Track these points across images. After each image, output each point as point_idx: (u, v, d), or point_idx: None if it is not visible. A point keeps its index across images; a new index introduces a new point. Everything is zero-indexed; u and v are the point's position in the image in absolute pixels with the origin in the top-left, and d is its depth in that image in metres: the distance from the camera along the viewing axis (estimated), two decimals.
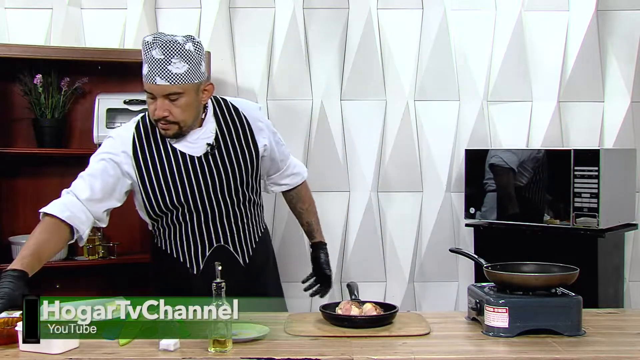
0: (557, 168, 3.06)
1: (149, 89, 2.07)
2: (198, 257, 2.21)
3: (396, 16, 3.51)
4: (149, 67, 2.05)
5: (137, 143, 2.16)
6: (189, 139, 2.16)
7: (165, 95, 2.05)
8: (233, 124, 2.22)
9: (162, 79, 2.03)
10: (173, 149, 2.16)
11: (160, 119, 2.08)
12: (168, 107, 2.06)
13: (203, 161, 2.16)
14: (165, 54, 2.02)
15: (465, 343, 1.87)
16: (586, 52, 3.50)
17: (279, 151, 2.33)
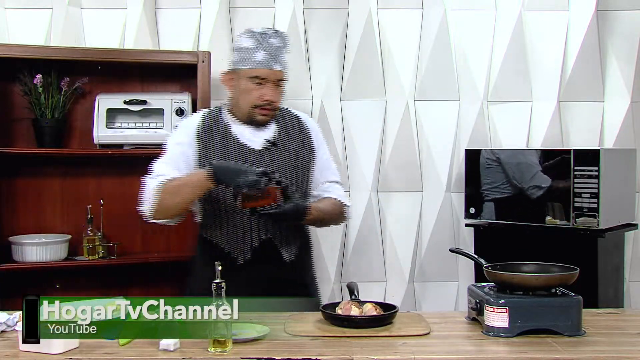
0: (557, 168, 3.06)
1: (264, 75, 2.22)
2: (245, 248, 2.25)
3: (396, 16, 3.51)
4: (267, 53, 2.21)
5: (202, 129, 2.28)
6: (251, 133, 2.29)
7: (276, 81, 2.24)
8: (292, 127, 2.36)
9: (279, 65, 2.24)
10: (235, 139, 2.27)
11: (266, 104, 2.24)
12: (276, 93, 2.25)
13: (261, 154, 2.27)
14: (282, 43, 2.25)
15: (465, 343, 1.87)
16: (586, 52, 3.51)
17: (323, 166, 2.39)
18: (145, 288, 3.29)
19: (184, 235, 3.33)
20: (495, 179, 3.21)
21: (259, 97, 2.23)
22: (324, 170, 2.39)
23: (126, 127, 3.13)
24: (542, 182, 3.06)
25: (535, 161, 3.10)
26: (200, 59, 3.09)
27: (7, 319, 1.90)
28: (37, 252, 3.03)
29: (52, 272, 3.16)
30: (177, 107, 3.14)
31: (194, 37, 3.43)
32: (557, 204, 3.05)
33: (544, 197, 3.09)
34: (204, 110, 2.38)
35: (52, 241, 3.09)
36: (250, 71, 2.22)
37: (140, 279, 3.30)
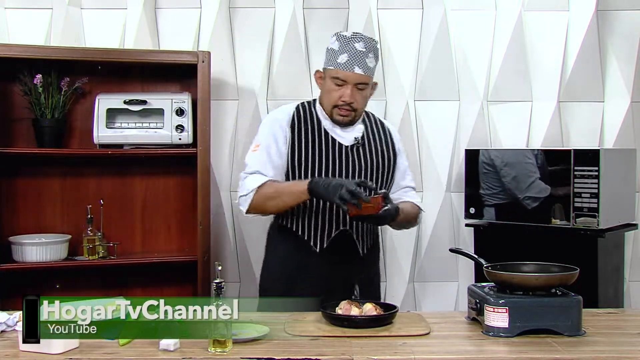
0: (557, 168, 3.05)
1: (344, 77, 2.31)
2: (323, 236, 2.35)
3: (396, 16, 3.51)
4: (349, 56, 2.30)
5: (296, 118, 2.38)
6: (342, 130, 2.39)
7: (356, 84, 2.32)
8: (377, 130, 2.49)
9: (360, 68, 2.30)
10: (326, 134, 2.37)
11: (345, 105, 2.32)
12: (355, 95, 2.33)
13: (349, 151, 2.37)
14: (366, 48, 2.31)
15: (465, 343, 1.87)
16: (586, 52, 3.50)
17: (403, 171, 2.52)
18: (145, 288, 3.29)
19: (184, 235, 3.34)
20: (491, 185, 3.22)
21: (338, 98, 2.33)
22: (402, 175, 2.51)
23: (126, 127, 3.13)
24: (539, 192, 3.06)
25: (533, 168, 3.09)
26: (200, 59, 3.09)
27: (7, 319, 1.91)
28: (37, 252, 3.03)
29: (52, 272, 3.16)
30: (177, 107, 3.14)
31: (194, 37, 3.43)
32: (557, 204, 3.05)
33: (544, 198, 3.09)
34: (299, 102, 2.47)
35: (52, 241, 3.08)
36: (333, 72, 2.33)
37: (140, 279, 3.30)
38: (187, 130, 3.13)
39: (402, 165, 2.51)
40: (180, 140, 3.13)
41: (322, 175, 2.32)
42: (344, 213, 2.25)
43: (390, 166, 2.45)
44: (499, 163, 3.19)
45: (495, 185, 3.20)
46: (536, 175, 3.08)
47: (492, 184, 3.21)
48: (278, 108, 2.51)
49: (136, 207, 3.36)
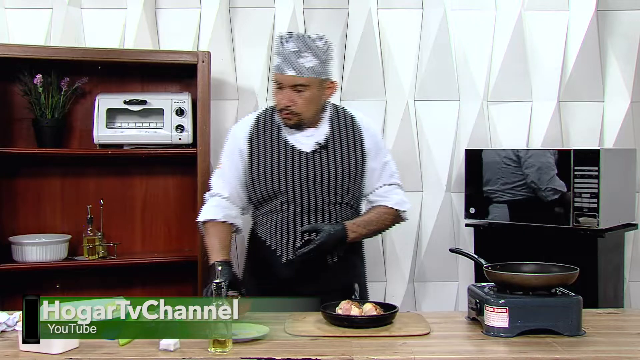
0: (557, 168, 3.05)
1: (278, 79, 2.25)
2: (289, 246, 2.31)
3: (396, 16, 3.51)
4: (281, 58, 2.23)
5: (255, 129, 2.35)
6: (302, 135, 2.32)
7: (292, 86, 2.23)
8: (345, 130, 2.36)
9: (292, 70, 2.21)
10: (285, 141, 2.32)
11: (284, 108, 2.25)
12: (293, 98, 2.24)
13: (310, 157, 2.30)
14: (297, 47, 2.21)
15: (465, 343, 1.87)
16: (586, 52, 3.50)
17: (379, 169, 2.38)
18: (145, 288, 3.29)
19: (184, 235, 3.34)
20: (511, 179, 3.18)
21: (277, 101, 2.28)
22: (379, 174, 2.39)
23: (126, 127, 3.13)
24: (558, 185, 3.04)
25: (553, 164, 3.08)
26: (200, 59, 3.09)
27: (7, 319, 1.91)
28: (37, 252, 3.03)
29: (52, 272, 3.16)
30: (177, 107, 3.14)
31: (194, 37, 3.43)
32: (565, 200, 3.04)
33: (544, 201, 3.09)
34: (260, 110, 2.44)
35: (52, 241, 3.08)
36: (273, 75, 2.29)
37: (140, 279, 3.30)
38: (187, 130, 3.13)
39: (375, 162, 2.38)
40: (180, 140, 3.13)
41: (282, 185, 2.27)
42: (309, 222, 2.28)
43: (358, 170, 2.34)
44: (523, 154, 3.16)
45: (514, 180, 3.17)
46: (555, 172, 3.07)
47: (510, 178, 3.18)
48: (241, 120, 2.48)
49: (136, 207, 3.35)
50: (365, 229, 2.33)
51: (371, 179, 2.38)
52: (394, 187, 2.43)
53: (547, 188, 3.06)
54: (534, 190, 3.10)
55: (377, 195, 2.40)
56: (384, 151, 2.43)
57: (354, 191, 2.35)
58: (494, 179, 3.22)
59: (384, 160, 2.41)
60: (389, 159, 2.43)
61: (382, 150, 2.41)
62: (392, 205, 2.40)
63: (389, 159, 2.44)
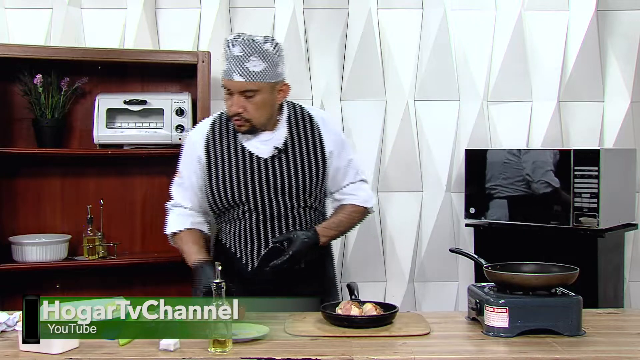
0: (557, 168, 3.05)
1: (226, 85, 2.15)
2: (254, 254, 2.26)
3: (396, 16, 3.51)
4: (228, 63, 2.13)
5: (210, 137, 2.27)
6: (260, 140, 2.24)
7: (241, 92, 2.14)
8: (304, 131, 2.28)
9: (239, 75, 2.11)
10: (242, 148, 2.24)
11: (234, 115, 2.17)
12: (243, 104, 2.15)
13: (269, 163, 2.23)
14: (244, 52, 2.11)
15: (465, 343, 1.87)
16: (586, 52, 3.51)
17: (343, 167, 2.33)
18: (145, 288, 3.29)
19: None
20: (512, 174, 3.17)
21: (227, 108, 2.18)
22: (344, 172, 2.33)
23: (126, 127, 3.13)
24: (551, 180, 3.05)
25: (550, 162, 3.08)
26: (200, 59, 3.09)
27: (7, 319, 1.91)
28: (37, 252, 3.03)
29: (52, 272, 3.16)
30: (177, 107, 3.14)
31: (194, 37, 3.43)
32: (557, 203, 3.05)
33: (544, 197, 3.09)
34: (215, 115, 2.35)
35: (52, 241, 3.08)
36: (222, 80, 2.18)
37: (140, 279, 3.30)
38: (187, 130, 3.13)
39: (338, 160, 2.30)
40: (180, 140, 3.13)
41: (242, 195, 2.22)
42: (272, 229, 2.23)
43: (319, 173, 2.26)
44: (523, 152, 3.16)
45: (515, 175, 3.16)
46: (550, 169, 3.07)
47: (511, 173, 3.17)
48: (196, 126, 2.39)
49: (136, 207, 3.35)
50: (336, 230, 2.28)
51: (336, 177, 2.32)
52: (361, 184, 2.37)
53: (540, 181, 3.07)
54: (528, 183, 3.10)
55: (344, 193, 2.34)
56: (347, 148, 2.35)
57: (317, 194, 2.28)
58: (496, 175, 3.22)
59: (348, 158, 2.33)
60: (352, 156, 2.36)
61: (345, 148, 2.33)
62: (360, 203, 2.34)
63: (352, 156, 2.36)
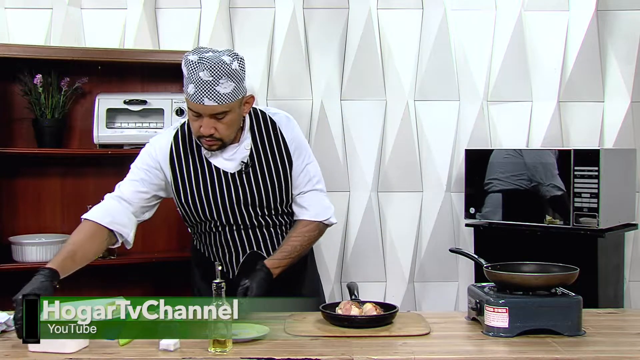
0: (557, 168, 3.05)
1: (195, 109, 2.07)
2: (233, 262, 2.26)
3: (396, 16, 3.51)
4: (195, 87, 2.03)
5: (174, 153, 2.22)
6: (225, 154, 2.20)
7: (212, 115, 2.07)
8: (269, 140, 2.24)
9: (211, 99, 2.04)
10: (208, 163, 2.21)
11: (205, 136, 2.11)
12: (214, 125, 2.09)
13: (236, 177, 2.20)
14: (213, 76, 2.02)
15: (465, 343, 1.87)
16: (586, 52, 3.51)
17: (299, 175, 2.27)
18: (145, 288, 3.29)
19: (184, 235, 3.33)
20: (511, 169, 3.16)
21: (198, 129, 2.11)
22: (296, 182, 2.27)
23: (126, 127, 3.13)
24: (560, 183, 3.05)
25: (554, 165, 3.08)
26: None
27: (7, 319, 1.91)
28: (37, 252, 3.03)
29: None
30: (177, 107, 3.14)
31: (194, 37, 3.43)
32: (557, 204, 3.05)
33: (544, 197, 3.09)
34: (175, 128, 2.26)
35: (52, 241, 3.08)
36: (187, 102, 2.10)
37: (140, 279, 3.29)
38: None
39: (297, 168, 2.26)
40: None
41: (213, 210, 2.18)
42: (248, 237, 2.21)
43: (287, 177, 2.23)
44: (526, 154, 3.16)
45: (517, 169, 3.15)
46: (557, 172, 3.07)
47: (511, 167, 3.16)
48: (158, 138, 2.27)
49: None
50: (289, 258, 2.19)
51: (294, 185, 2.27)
52: (313, 194, 2.28)
53: (550, 184, 3.06)
54: (538, 185, 3.10)
55: (297, 204, 2.28)
56: (304, 154, 2.28)
57: (287, 199, 2.26)
58: (494, 170, 3.22)
59: (302, 165, 2.27)
60: (307, 162, 2.29)
61: (302, 153, 2.27)
62: (312, 217, 2.27)
63: (308, 161, 2.29)
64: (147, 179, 2.22)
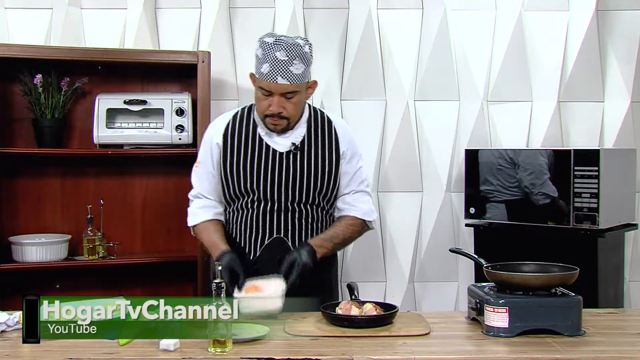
0: (557, 168, 3.06)
1: (267, 87, 2.20)
2: (257, 244, 2.29)
3: (396, 16, 3.51)
4: (270, 66, 2.17)
5: (230, 128, 2.33)
6: (280, 136, 2.30)
7: (283, 94, 2.20)
8: (322, 132, 2.35)
9: (284, 78, 2.18)
10: (260, 140, 2.30)
11: (274, 115, 2.23)
12: (283, 104, 2.22)
13: (284, 157, 2.28)
14: (288, 56, 2.17)
15: (465, 343, 1.87)
16: (586, 52, 3.51)
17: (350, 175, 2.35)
18: (145, 288, 3.29)
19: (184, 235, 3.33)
20: (505, 180, 3.19)
21: (267, 107, 2.23)
22: (349, 180, 2.35)
23: (126, 127, 3.13)
24: (549, 190, 3.05)
25: (545, 168, 3.09)
26: (200, 59, 3.09)
27: (7, 319, 1.91)
28: (37, 252, 3.03)
29: (52, 272, 3.16)
30: (177, 107, 3.14)
31: (194, 37, 3.43)
32: (557, 204, 3.05)
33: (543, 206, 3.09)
34: (236, 110, 2.40)
35: (52, 241, 3.09)
36: (258, 81, 2.23)
37: (140, 279, 3.30)
38: (187, 130, 3.13)
39: (348, 169, 2.35)
40: (180, 140, 3.14)
41: (254, 183, 2.26)
42: (278, 220, 2.27)
43: (332, 171, 2.31)
44: (517, 160, 3.16)
45: (511, 181, 3.17)
46: (547, 176, 3.08)
47: (507, 179, 3.18)
48: (218, 117, 2.44)
49: (136, 207, 3.36)
50: (332, 242, 2.27)
51: (341, 183, 2.35)
52: (362, 195, 2.38)
53: (539, 192, 3.08)
54: (527, 194, 3.11)
55: (345, 202, 2.36)
56: (358, 156, 2.40)
57: (327, 193, 2.32)
58: (490, 179, 3.23)
59: (357, 166, 2.38)
60: (361, 165, 2.40)
61: (356, 155, 2.38)
62: (360, 215, 2.36)
63: (361, 165, 2.40)
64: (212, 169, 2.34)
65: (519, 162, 3.15)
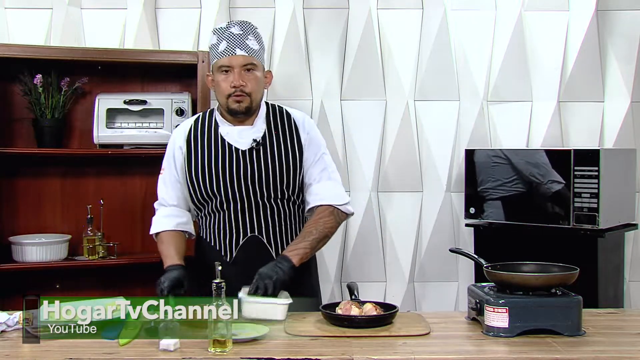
0: (557, 168, 3.06)
1: (227, 62, 2.24)
2: (232, 245, 2.29)
3: (396, 16, 3.51)
4: (227, 42, 2.24)
5: (192, 132, 2.34)
6: (239, 133, 2.31)
7: (243, 67, 2.24)
8: (282, 127, 2.35)
9: (242, 49, 2.24)
10: (222, 140, 2.30)
11: (236, 89, 2.24)
12: (244, 78, 2.24)
13: (247, 155, 2.28)
14: (243, 30, 2.26)
15: (465, 343, 1.87)
16: (586, 52, 3.51)
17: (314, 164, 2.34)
18: (145, 288, 3.28)
19: None
20: (502, 176, 3.18)
21: (228, 85, 2.25)
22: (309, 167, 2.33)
23: (126, 127, 3.13)
24: (557, 177, 3.05)
25: (546, 161, 3.09)
26: (200, 59, 3.09)
27: (7, 319, 1.90)
28: (37, 252, 3.03)
29: (52, 272, 3.16)
30: (177, 107, 3.14)
31: (194, 37, 3.43)
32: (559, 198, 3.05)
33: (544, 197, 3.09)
34: (201, 112, 2.42)
35: (52, 241, 3.08)
36: (217, 63, 2.27)
37: (140, 279, 3.29)
38: None
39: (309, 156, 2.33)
40: None
41: (220, 184, 2.25)
42: (251, 219, 2.26)
43: (296, 162, 2.30)
44: (510, 155, 3.16)
45: (506, 177, 3.17)
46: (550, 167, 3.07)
47: (502, 175, 3.18)
48: (181, 124, 2.44)
49: (136, 207, 3.35)
50: (305, 241, 2.22)
51: (305, 173, 2.33)
52: (327, 181, 2.34)
53: (550, 180, 3.06)
54: (537, 185, 3.10)
55: (311, 193, 2.33)
56: (320, 145, 2.37)
57: (294, 186, 2.31)
58: (486, 178, 3.23)
59: (318, 154, 2.35)
60: (324, 152, 2.38)
61: (314, 142, 2.35)
62: (327, 202, 2.31)
63: (324, 152, 2.38)
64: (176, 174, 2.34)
65: (517, 158, 3.15)
